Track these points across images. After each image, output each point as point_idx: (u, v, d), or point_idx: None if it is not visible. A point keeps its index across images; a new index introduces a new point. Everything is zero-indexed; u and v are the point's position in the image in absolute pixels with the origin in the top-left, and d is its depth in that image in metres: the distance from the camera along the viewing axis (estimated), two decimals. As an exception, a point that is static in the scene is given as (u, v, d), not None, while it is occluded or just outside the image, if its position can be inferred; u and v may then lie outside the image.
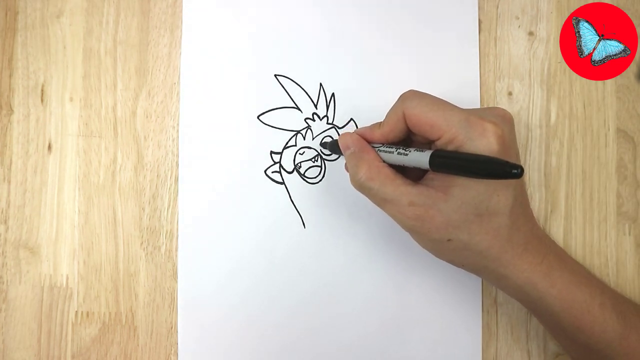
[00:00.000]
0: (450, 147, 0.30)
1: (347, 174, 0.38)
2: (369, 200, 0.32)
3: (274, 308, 0.38)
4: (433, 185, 0.31)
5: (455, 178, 0.30)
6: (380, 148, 0.33)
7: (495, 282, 0.33)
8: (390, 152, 0.32)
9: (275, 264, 0.38)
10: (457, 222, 0.30)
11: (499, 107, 0.32)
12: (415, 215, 0.30)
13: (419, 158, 0.30)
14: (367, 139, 0.33)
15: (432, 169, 0.29)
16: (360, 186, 0.32)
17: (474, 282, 0.38)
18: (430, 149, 0.31)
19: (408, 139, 0.34)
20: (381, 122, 0.33)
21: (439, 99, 0.31)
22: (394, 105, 0.33)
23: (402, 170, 0.32)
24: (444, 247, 0.31)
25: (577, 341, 0.32)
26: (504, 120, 0.30)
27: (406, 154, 0.31)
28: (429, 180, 0.31)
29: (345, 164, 0.35)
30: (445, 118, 0.30)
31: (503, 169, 0.26)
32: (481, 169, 0.27)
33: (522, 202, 0.31)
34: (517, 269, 0.31)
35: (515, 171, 0.25)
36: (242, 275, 0.38)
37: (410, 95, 0.32)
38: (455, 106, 0.30)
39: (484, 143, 0.29)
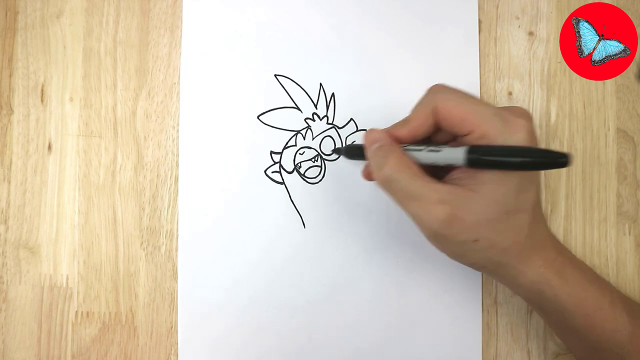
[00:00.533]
0: (482, 142, 0.29)
1: (347, 173, 0.38)
2: (368, 199, 0.32)
3: (274, 308, 0.38)
4: (462, 184, 0.29)
5: (485, 176, 0.29)
6: (407, 147, 0.31)
7: (511, 280, 0.32)
8: (419, 150, 0.30)
9: (275, 264, 0.38)
10: (486, 220, 0.29)
11: (518, 106, 0.32)
12: (445, 214, 0.29)
13: (452, 154, 0.29)
14: (394, 136, 0.32)
15: (468, 164, 0.28)
16: (386, 179, 0.30)
17: (474, 282, 0.38)
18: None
19: (428, 139, 0.33)
20: (405, 119, 0.32)
21: (468, 93, 0.30)
22: (421, 99, 0.31)
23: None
24: (469, 248, 0.30)
25: (587, 340, 0.32)
26: (527, 120, 0.30)
27: (438, 151, 0.29)
28: (455, 179, 0.30)
29: (367, 164, 0.33)
30: (478, 112, 0.29)
31: (553, 158, 0.25)
32: (528, 160, 0.26)
33: (539, 199, 0.31)
34: (534, 264, 0.31)
35: (564, 159, 0.25)
36: (242, 275, 0.38)
37: (441, 89, 0.31)
38: (485, 101, 0.30)
39: (517, 138, 0.28)
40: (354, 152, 0.35)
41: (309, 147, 0.39)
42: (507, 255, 0.30)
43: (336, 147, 0.38)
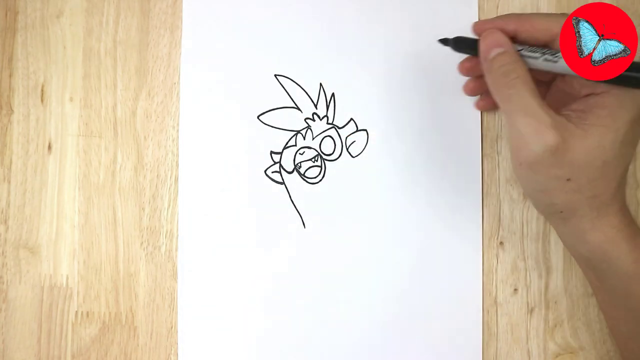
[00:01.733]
0: None
1: (347, 173, 0.38)
2: (368, 199, 0.32)
3: (274, 308, 0.38)
4: (572, 120, 0.29)
5: (595, 118, 0.29)
6: (522, 51, 0.30)
7: (578, 234, 0.32)
8: (534, 56, 0.30)
9: (275, 264, 0.38)
10: (585, 163, 0.29)
11: None
12: (554, 140, 0.28)
13: None
14: (503, 30, 0.31)
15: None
16: (508, 86, 0.30)
17: (474, 282, 0.38)
18: None
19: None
20: (515, 15, 0.32)
21: None
22: (548, 14, 0.31)
23: None
24: (557, 186, 0.30)
25: (638, 311, 0.32)
26: None
27: (555, 60, 0.29)
28: (566, 115, 0.30)
29: (470, 57, 0.34)
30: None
31: None
32: None
33: (630, 162, 0.31)
34: (609, 223, 0.30)
35: None
36: (242, 275, 0.38)
37: None
38: None
39: None
40: (465, 44, 0.34)
41: (309, 147, 0.39)
42: (589, 204, 0.30)
43: (444, 38, 0.35)
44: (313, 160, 0.39)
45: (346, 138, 0.39)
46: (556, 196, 0.30)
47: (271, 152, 0.38)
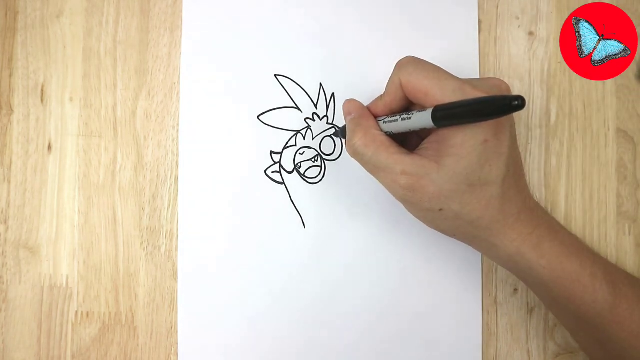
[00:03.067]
0: None
1: (347, 173, 0.38)
2: (368, 199, 0.32)
3: (274, 308, 0.38)
4: (427, 155, 0.31)
5: (447, 148, 0.30)
6: (385, 119, 0.33)
7: (486, 252, 0.33)
8: (394, 120, 0.32)
9: (275, 264, 0.38)
10: (449, 192, 0.30)
11: (495, 78, 0.32)
12: (408, 184, 0.30)
13: (422, 117, 0.30)
14: (372, 112, 0.34)
15: (435, 123, 0.29)
16: (354, 152, 0.32)
17: (474, 283, 0.38)
18: None
19: (409, 109, 0.34)
20: (381, 95, 0.34)
21: (435, 66, 0.31)
22: (392, 73, 0.33)
23: (402, 142, 0.33)
24: (436, 216, 0.31)
25: (567, 310, 0.32)
26: (499, 91, 0.30)
27: (409, 117, 0.31)
28: (422, 150, 0.32)
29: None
30: (440, 86, 0.30)
31: (504, 102, 0.26)
32: (484, 108, 0.27)
33: (515, 172, 0.31)
34: (507, 238, 0.31)
35: (517, 102, 0.25)
36: (242, 275, 0.38)
37: (406, 63, 0.32)
38: (451, 75, 0.31)
39: None
40: (343, 131, 0.36)
41: (309, 147, 0.39)
42: (476, 228, 0.31)
43: (335, 131, 0.39)
44: (313, 160, 0.39)
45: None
46: (440, 225, 0.32)
47: (271, 152, 0.38)
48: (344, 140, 0.37)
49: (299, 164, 0.38)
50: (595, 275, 0.31)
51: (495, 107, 0.27)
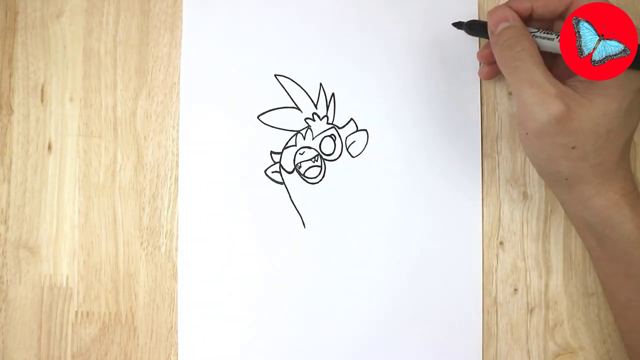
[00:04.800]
0: None
1: (348, 173, 0.38)
2: (368, 199, 0.31)
3: (274, 308, 0.38)
4: (577, 90, 0.30)
5: (601, 88, 0.30)
6: (537, 33, 0.32)
7: (582, 200, 0.32)
8: (550, 38, 0.31)
9: (275, 264, 0.38)
10: (590, 131, 0.30)
11: None
12: (559, 110, 0.29)
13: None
14: (516, 9, 0.32)
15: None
16: (514, 59, 0.31)
17: (474, 283, 0.38)
18: None
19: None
20: None
21: None
22: None
23: None
24: (563, 154, 0.31)
25: (637, 277, 0.32)
26: None
27: (552, 39, 0.30)
28: (572, 86, 0.31)
29: (488, 43, 0.34)
30: None
31: None
32: None
33: (633, 132, 0.32)
34: (612, 189, 0.31)
35: None
36: (242, 275, 0.38)
37: None
38: None
39: None
40: (477, 27, 0.35)
41: (309, 147, 0.39)
42: (593, 171, 0.31)
43: (458, 21, 0.37)
44: (313, 160, 0.39)
45: (346, 138, 0.39)
46: (562, 164, 0.31)
47: (271, 152, 0.38)
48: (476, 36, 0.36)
49: (299, 164, 0.38)
50: None
51: None
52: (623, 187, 0.31)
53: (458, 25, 0.36)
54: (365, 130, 0.39)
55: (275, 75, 0.39)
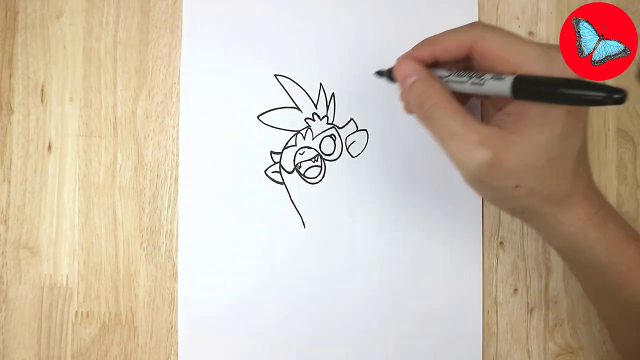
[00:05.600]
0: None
1: (347, 173, 0.38)
2: (368, 199, 0.32)
3: (274, 308, 0.38)
4: (504, 126, 0.28)
5: (528, 119, 0.28)
6: (447, 78, 0.30)
7: (547, 230, 0.31)
8: (461, 82, 0.29)
9: (275, 264, 0.38)
10: (527, 166, 0.28)
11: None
12: (486, 157, 0.27)
13: (498, 86, 0.27)
14: (414, 57, 0.31)
15: (515, 94, 0.27)
16: (426, 116, 0.29)
17: (474, 283, 0.38)
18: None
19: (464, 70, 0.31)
20: (431, 40, 0.31)
21: (509, 31, 0.29)
22: (457, 29, 0.30)
23: None
24: (509, 194, 0.29)
25: (616, 299, 0.31)
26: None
27: (481, 84, 0.28)
28: (498, 121, 0.29)
29: (402, 94, 0.32)
30: (521, 52, 0.28)
31: (607, 91, 0.23)
32: (580, 92, 0.24)
33: (585, 149, 0.30)
34: (574, 215, 0.30)
35: (620, 95, 0.23)
36: (242, 275, 0.38)
37: (482, 27, 0.30)
38: (526, 39, 0.29)
39: (566, 74, 0.27)
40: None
41: (309, 147, 0.39)
42: (547, 203, 0.29)
43: (379, 70, 0.35)
44: (313, 160, 0.39)
45: (346, 138, 0.39)
46: (510, 203, 0.30)
47: (271, 152, 0.38)
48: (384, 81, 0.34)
49: (299, 164, 0.38)
50: None
51: (591, 93, 0.24)
52: (586, 210, 0.30)
53: (379, 74, 0.35)
54: (365, 130, 0.39)
55: (275, 75, 0.39)
